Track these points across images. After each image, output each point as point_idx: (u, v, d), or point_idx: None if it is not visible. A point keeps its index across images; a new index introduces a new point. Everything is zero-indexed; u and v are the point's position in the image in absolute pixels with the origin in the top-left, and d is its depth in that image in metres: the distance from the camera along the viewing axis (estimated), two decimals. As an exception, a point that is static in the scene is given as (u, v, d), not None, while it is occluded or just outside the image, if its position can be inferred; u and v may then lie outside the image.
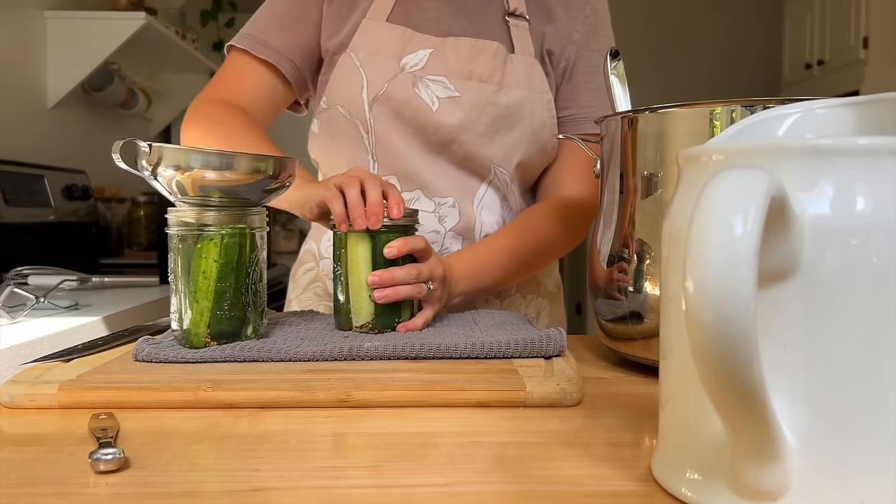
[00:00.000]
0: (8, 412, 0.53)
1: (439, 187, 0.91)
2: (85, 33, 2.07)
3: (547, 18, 0.95)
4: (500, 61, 0.89)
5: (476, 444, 0.45)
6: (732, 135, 0.43)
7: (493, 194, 0.93)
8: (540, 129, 0.92)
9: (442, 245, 0.92)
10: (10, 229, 1.64)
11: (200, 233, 0.63)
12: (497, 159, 0.91)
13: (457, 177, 0.91)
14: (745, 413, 0.30)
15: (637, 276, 0.63)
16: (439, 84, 0.89)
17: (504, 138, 0.91)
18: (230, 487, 0.39)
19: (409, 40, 0.90)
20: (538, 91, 0.92)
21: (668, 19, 4.51)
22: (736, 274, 0.28)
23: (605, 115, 0.68)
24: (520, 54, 0.92)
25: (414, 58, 0.89)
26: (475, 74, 0.89)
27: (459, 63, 0.89)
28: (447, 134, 0.89)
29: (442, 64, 0.89)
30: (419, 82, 0.89)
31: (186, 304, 0.64)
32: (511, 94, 0.90)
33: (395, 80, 0.88)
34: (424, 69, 0.89)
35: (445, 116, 0.88)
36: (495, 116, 0.90)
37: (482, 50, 0.89)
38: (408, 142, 0.90)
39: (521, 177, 0.94)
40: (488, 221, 0.93)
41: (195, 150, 0.62)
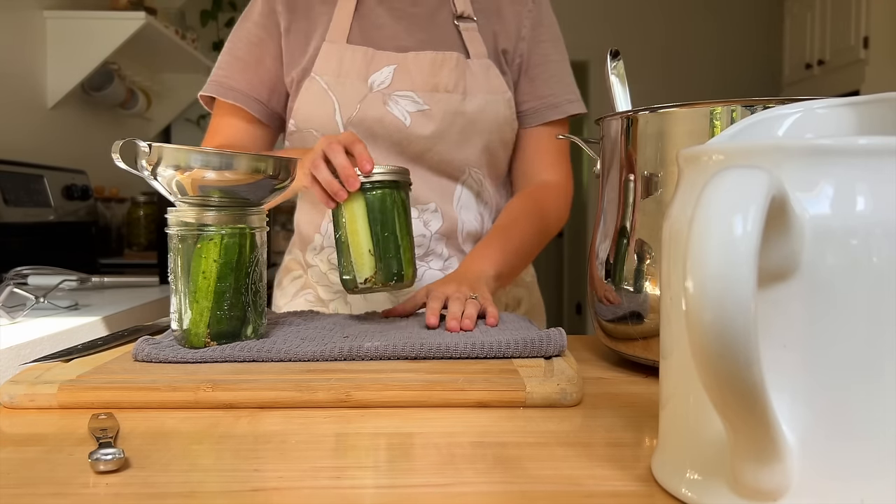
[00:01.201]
0: (8, 412, 0.53)
1: (420, 195, 0.95)
2: (85, 33, 2.07)
3: (494, 16, 0.98)
4: (461, 71, 0.94)
5: (476, 444, 0.45)
6: (732, 135, 0.43)
7: (469, 193, 0.98)
8: (503, 126, 0.97)
9: (428, 248, 0.97)
10: (9, 229, 1.64)
11: (200, 233, 0.63)
12: (470, 161, 0.96)
13: (434, 182, 0.96)
14: (746, 413, 0.30)
15: (637, 276, 0.63)
16: (408, 99, 0.93)
17: (473, 141, 0.95)
18: (230, 487, 0.39)
19: (372, 59, 0.94)
20: (498, 92, 0.96)
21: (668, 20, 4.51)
22: (736, 274, 0.28)
23: (605, 115, 0.68)
24: (475, 58, 0.96)
25: (379, 76, 0.93)
26: (441, 86, 0.94)
27: (424, 77, 0.93)
28: (422, 145, 0.94)
29: (407, 79, 0.93)
30: (388, 99, 0.93)
31: (186, 304, 0.64)
32: (475, 100, 0.95)
33: (365, 100, 0.93)
34: (391, 86, 0.93)
35: (418, 129, 0.93)
36: (464, 123, 0.94)
37: (444, 62, 0.94)
38: (385, 157, 0.94)
39: (491, 172, 1.00)
40: (468, 219, 0.98)
41: (195, 150, 0.62)
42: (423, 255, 0.96)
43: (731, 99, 0.58)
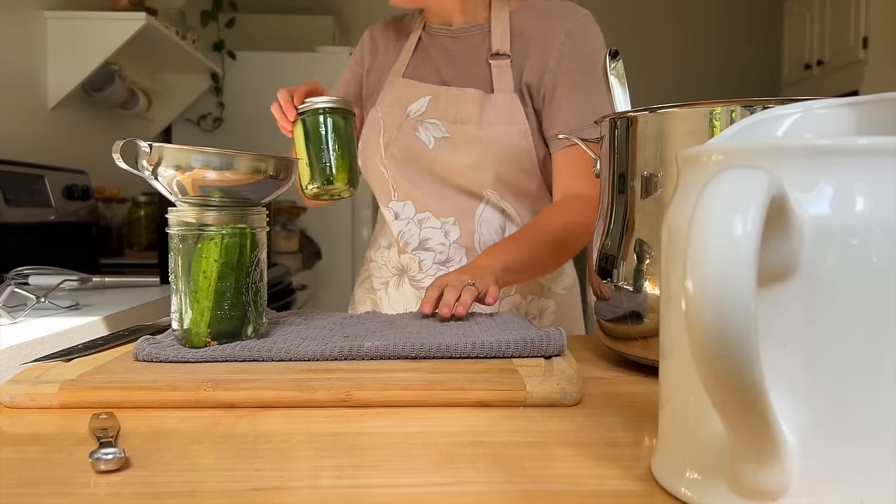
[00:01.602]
0: (8, 412, 0.53)
1: (443, 209, 1.09)
2: (85, 33, 2.07)
3: (526, 52, 1.06)
4: (477, 104, 1.05)
5: (476, 444, 0.45)
6: (732, 135, 0.43)
7: (492, 210, 1.08)
8: (518, 155, 1.06)
9: (447, 255, 1.10)
10: (10, 229, 1.64)
11: (201, 233, 0.63)
12: (486, 184, 1.06)
13: (457, 200, 1.08)
14: (745, 413, 0.30)
15: (637, 276, 0.63)
16: (435, 126, 1.07)
17: (487, 167, 1.05)
18: (230, 487, 0.39)
19: (414, 90, 1.09)
20: (515, 123, 1.05)
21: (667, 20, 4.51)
22: (736, 274, 0.28)
23: (605, 115, 0.68)
24: (499, 92, 1.05)
25: (417, 105, 1.08)
26: (460, 118, 1.05)
27: (448, 108, 1.06)
28: (444, 168, 1.07)
29: (438, 109, 1.07)
30: (420, 125, 1.07)
31: (187, 304, 0.64)
32: (491, 130, 1.04)
33: (401, 127, 1.08)
34: (424, 114, 1.07)
35: (440, 154, 1.06)
36: (480, 151, 1.05)
37: (463, 97, 1.06)
38: (416, 175, 1.09)
39: (511, 192, 1.08)
40: (486, 233, 1.08)
41: (195, 150, 0.62)
42: (444, 261, 1.09)
43: (731, 99, 0.58)
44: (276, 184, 0.66)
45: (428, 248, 1.10)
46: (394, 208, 1.12)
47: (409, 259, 1.12)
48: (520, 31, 1.06)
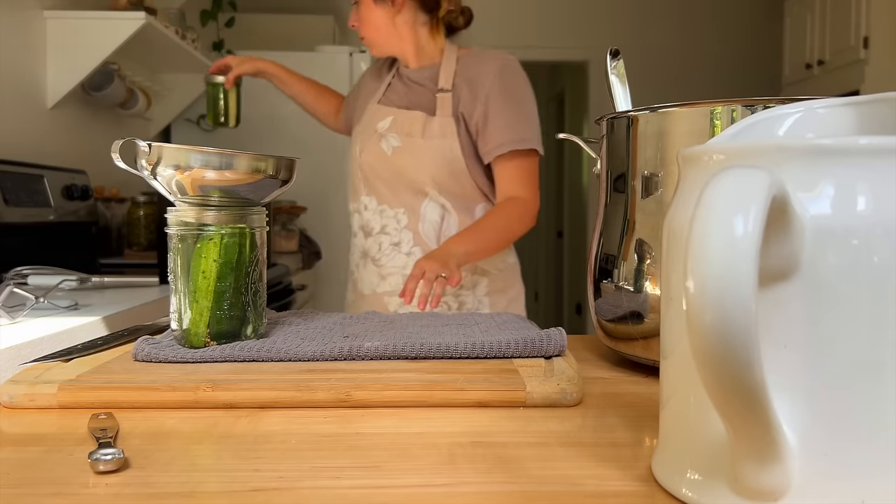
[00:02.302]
0: (8, 412, 0.53)
1: (397, 202, 1.49)
2: (85, 33, 2.07)
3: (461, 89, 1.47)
4: (420, 123, 1.46)
5: (476, 444, 0.45)
6: (733, 134, 0.43)
7: (433, 204, 1.48)
8: (449, 162, 1.45)
9: (399, 238, 1.49)
10: (9, 229, 1.64)
11: (200, 232, 0.63)
12: (427, 183, 1.46)
13: (407, 195, 1.48)
14: (746, 413, 0.30)
15: (637, 276, 0.63)
16: (394, 137, 1.47)
17: (428, 169, 1.45)
18: (230, 487, 0.39)
19: (382, 112, 1.52)
20: (447, 138, 1.45)
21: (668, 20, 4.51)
22: (737, 273, 0.28)
23: (605, 115, 0.68)
24: (439, 117, 1.46)
25: (383, 123, 1.50)
26: (409, 132, 1.46)
27: (403, 125, 1.47)
28: (398, 170, 1.47)
29: (395, 126, 1.48)
30: (383, 138, 1.49)
31: (186, 304, 0.64)
32: (430, 142, 1.45)
33: (370, 140, 1.51)
34: (388, 130, 1.49)
35: (395, 159, 1.47)
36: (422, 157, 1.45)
37: (413, 118, 1.47)
38: (379, 175, 1.50)
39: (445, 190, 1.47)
40: (428, 221, 1.48)
41: (195, 149, 0.62)
42: (396, 243, 1.49)
43: (731, 99, 0.58)
44: (275, 183, 0.66)
45: (386, 232, 1.50)
46: (363, 201, 1.53)
47: (372, 242, 1.52)
48: (460, 72, 1.47)
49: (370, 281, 1.53)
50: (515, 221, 1.42)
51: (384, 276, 1.51)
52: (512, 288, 1.55)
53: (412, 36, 1.51)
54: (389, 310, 1.51)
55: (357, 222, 1.56)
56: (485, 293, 1.49)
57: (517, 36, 4.48)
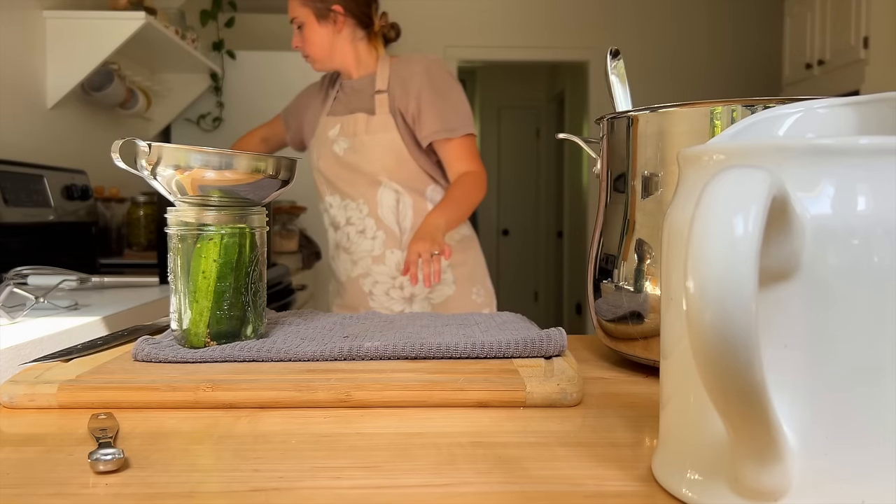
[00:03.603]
0: (7, 412, 0.53)
1: (355, 195, 1.72)
2: (84, 33, 2.07)
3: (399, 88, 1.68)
4: (364, 123, 1.69)
5: (476, 444, 0.45)
6: (733, 134, 0.43)
7: (388, 191, 1.70)
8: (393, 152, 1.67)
9: (363, 226, 1.71)
10: (9, 229, 1.64)
11: (200, 232, 0.63)
12: (379, 172, 1.68)
13: (363, 187, 1.70)
14: (746, 413, 0.30)
15: (637, 276, 0.63)
16: (344, 140, 1.70)
17: (377, 160, 1.68)
18: (230, 487, 0.39)
19: (331, 122, 1.74)
20: (388, 132, 1.68)
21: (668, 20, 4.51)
22: (737, 274, 0.28)
23: (605, 115, 0.68)
24: (379, 115, 1.68)
25: (333, 131, 1.73)
26: (355, 133, 1.69)
27: (348, 128, 1.70)
28: (351, 167, 1.70)
29: (343, 130, 1.71)
30: (334, 143, 1.72)
31: (186, 304, 0.64)
32: (373, 137, 1.68)
33: (323, 146, 1.74)
34: (338, 135, 1.71)
35: (347, 157, 1.70)
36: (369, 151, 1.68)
37: (357, 119, 1.70)
38: (336, 176, 1.73)
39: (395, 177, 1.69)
40: (386, 206, 1.69)
41: (195, 149, 0.62)
42: (361, 230, 1.71)
43: (731, 99, 0.58)
44: (275, 184, 0.66)
45: (351, 223, 1.73)
46: (328, 200, 1.76)
47: (341, 234, 1.75)
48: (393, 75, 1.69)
49: (345, 268, 1.76)
50: (475, 190, 1.65)
51: (355, 261, 1.73)
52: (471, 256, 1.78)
53: (352, 50, 1.72)
54: (364, 290, 1.74)
55: (326, 220, 1.80)
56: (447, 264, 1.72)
57: (518, 36, 4.48)
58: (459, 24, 4.41)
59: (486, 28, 4.47)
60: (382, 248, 1.71)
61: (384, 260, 1.72)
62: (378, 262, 1.72)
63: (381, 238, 1.71)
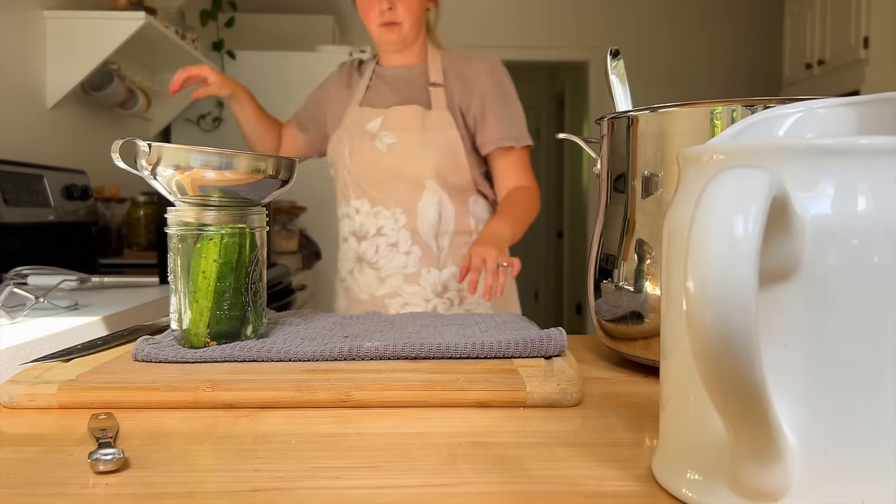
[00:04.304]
0: (7, 412, 0.53)
1: (393, 201, 1.50)
2: (84, 33, 2.07)
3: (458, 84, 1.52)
4: (419, 117, 1.48)
5: (476, 444, 0.45)
6: (733, 134, 0.43)
7: (431, 200, 1.49)
8: (450, 154, 1.49)
9: (396, 238, 1.49)
10: (9, 229, 1.64)
11: (200, 232, 0.63)
12: (428, 175, 1.48)
13: (403, 192, 1.49)
14: (746, 413, 0.30)
15: (637, 276, 0.63)
16: (387, 136, 1.49)
17: (427, 161, 1.47)
18: (230, 487, 0.39)
19: (369, 114, 1.53)
20: (447, 130, 1.49)
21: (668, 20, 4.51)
22: (737, 274, 0.28)
23: (605, 115, 0.68)
24: (436, 110, 1.50)
25: (372, 124, 1.51)
26: (406, 127, 1.48)
27: (397, 122, 1.49)
28: (394, 165, 1.48)
29: (388, 124, 1.49)
30: (375, 138, 1.50)
31: (186, 304, 0.64)
32: (429, 134, 1.48)
33: (359, 141, 1.51)
34: (379, 129, 1.50)
35: (391, 154, 1.48)
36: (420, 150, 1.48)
37: (409, 112, 1.49)
38: (371, 176, 1.51)
39: (445, 183, 1.50)
40: (427, 217, 1.49)
41: (195, 149, 0.62)
42: (394, 244, 1.49)
43: (731, 99, 0.58)
44: (275, 183, 0.66)
45: (382, 234, 1.50)
46: (354, 205, 1.53)
47: (367, 245, 1.51)
48: (447, 70, 1.53)
49: (368, 285, 1.52)
50: (533, 207, 1.51)
51: (383, 278, 1.50)
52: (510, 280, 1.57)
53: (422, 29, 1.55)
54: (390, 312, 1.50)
55: (347, 227, 1.55)
56: None
57: (518, 36, 4.48)
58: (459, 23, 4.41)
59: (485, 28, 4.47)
60: (417, 266, 1.49)
61: (418, 279, 1.49)
62: (411, 281, 1.49)
63: (417, 254, 1.49)
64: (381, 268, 1.50)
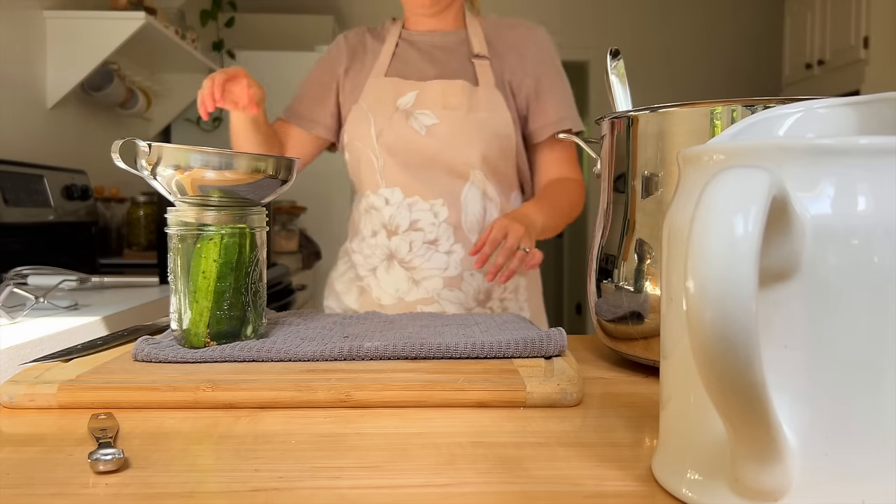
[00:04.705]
0: (7, 412, 0.53)
1: (431, 192, 1.23)
2: (84, 33, 2.07)
3: (505, 57, 1.28)
4: (466, 93, 1.22)
5: (476, 444, 0.45)
6: (733, 134, 0.43)
7: (475, 191, 1.24)
8: (500, 139, 1.24)
9: (436, 234, 1.23)
10: (9, 229, 1.64)
11: (200, 232, 0.63)
12: (473, 163, 1.23)
13: (445, 182, 1.23)
14: (746, 413, 0.30)
15: (637, 276, 0.63)
16: (425, 115, 1.22)
17: (474, 146, 1.22)
18: (230, 487, 0.39)
19: (400, 87, 1.24)
20: (497, 111, 1.24)
21: (668, 19, 4.51)
22: (737, 273, 0.28)
23: (605, 115, 0.68)
24: (483, 86, 1.24)
25: (405, 99, 1.23)
26: (449, 105, 1.22)
27: (437, 98, 1.22)
28: (433, 150, 1.22)
29: (425, 100, 1.23)
30: (410, 116, 1.23)
31: (186, 304, 0.64)
32: (477, 115, 1.22)
33: (392, 118, 1.23)
34: (413, 106, 1.23)
35: (431, 137, 1.22)
36: (467, 132, 1.22)
37: (453, 87, 1.23)
38: (405, 161, 1.23)
39: (492, 173, 1.26)
40: (472, 212, 1.24)
41: (195, 149, 0.62)
42: (432, 241, 1.23)
43: (731, 99, 0.58)
44: (275, 183, 0.66)
45: (418, 228, 1.24)
46: (384, 194, 1.25)
47: (399, 241, 1.24)
48: (491, 40, 1.28)
49: (396, 287, 1.25)
50: (578, 203, 1.28)
51: (417, 280, 1.24)
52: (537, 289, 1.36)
53: None
54: None
55: (375, 221, 1.26)
56: (525, 298, 1.30)
57: (517, 36, 4.48)
58: (459, 24, 4.40)
59: (486, 28, 4.46)
60: (459, 268, 1.23)
61: (461, 284, 1.24)
62: (452, 285, 1.23)
63: (459, 254, 1.23)
64: (416, 268, 1.24)
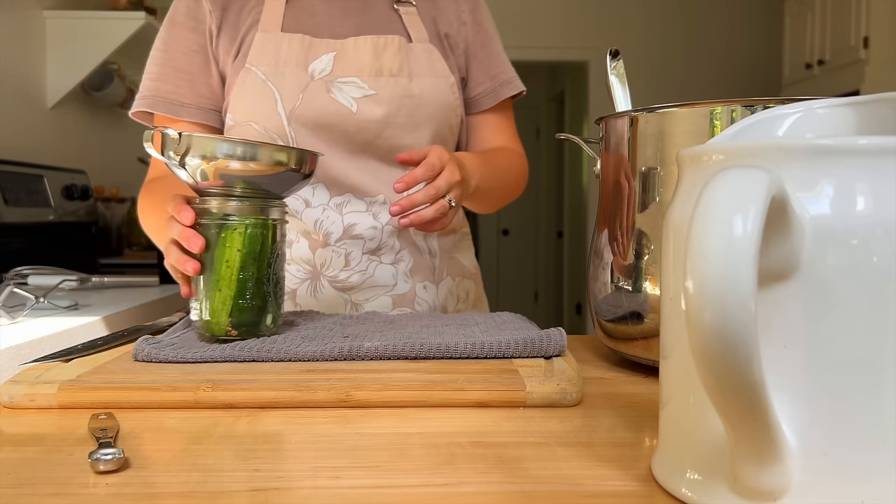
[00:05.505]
0: (8, 412, 0.53)
1: (368, 187, 0.95)
2: (84, 33, 2.07)
3: (432, 2, 1.00)
4: (404, 54, 0.94)
5: (476, 444, 0.45)
6: (733, 134, 0.43)
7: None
8: (448, 112, 0.97)
9: (380, 240, 0.96)
10: (9, 229, 1.64)
11: (224, 222, 0.65)
12: (421, 146, 0.93)
13: (383, 173, 0.95)
14: (746, 413, 0.30)
15: (637, 275, 0.63)
16: (352, 85, 0.92)
17: (423, 126, 0.95)
18: (230, 487, 0.39)
19: (310, 47, 0.92)
20: (441, 76, 0.96)
21: (668, 20, 4.51)
22: (736, 273, 0.28)
23: (604, 115, 0.68)
24: (417, 42, 0.96)
25: (319, 63, 0.92)
26: (385, 70, 0.93)
27: (367, 61, 0.92)
28: (371, 131, 0.93)
29: (349, 65, 0.92)
30: (332, 87, 0.91)
31: (209, 293, 0.65)
32: (421, 83, 0.94)
33: (307, 89, 0.91)
34: (332, 73, 0.92)
35: (367, 114, 0.92)
36: (412, 106, 0.93)
37: (386, 45, 0.93)
38: (330, 148, 0.93)
39: None
40: None
41: (222, 139, 0.64)
42: (374, 249, 0.95)
43: (731, 99, 0.58)
44: (298, 177, 0.67)
45: (355, 235, 0.94)
46: (301, 195, 0.94)
47: (330, 254, 0.94)
48: None
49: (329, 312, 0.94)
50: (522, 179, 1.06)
51: (357, 303, 0.96)
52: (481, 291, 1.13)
53: None
54: None
55: (295, 227, 0.95)
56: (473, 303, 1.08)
57: (517, 36, 4.48)
58: (459, 24, 4.40)
59: (486, 28, 4.46)
60: (409, 282, 0.97)
61: (413, 301, 0.98)
62: (404, 304, 0.97)
63: (407, 263, 0.97)
64: (355, 287, 0.95)
